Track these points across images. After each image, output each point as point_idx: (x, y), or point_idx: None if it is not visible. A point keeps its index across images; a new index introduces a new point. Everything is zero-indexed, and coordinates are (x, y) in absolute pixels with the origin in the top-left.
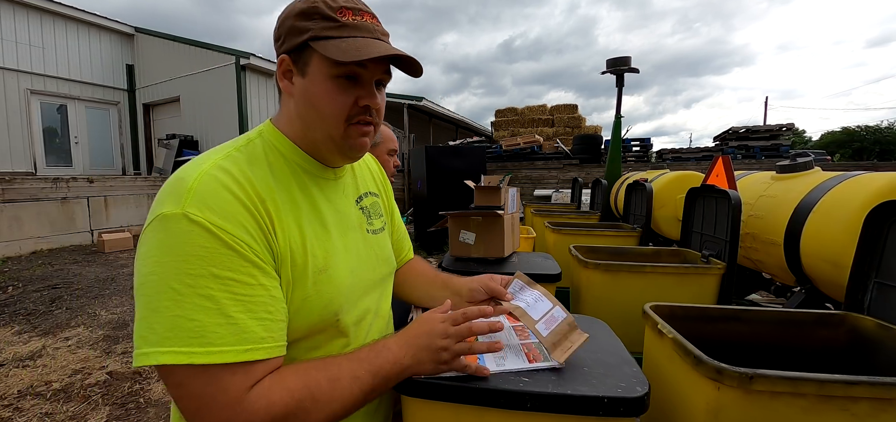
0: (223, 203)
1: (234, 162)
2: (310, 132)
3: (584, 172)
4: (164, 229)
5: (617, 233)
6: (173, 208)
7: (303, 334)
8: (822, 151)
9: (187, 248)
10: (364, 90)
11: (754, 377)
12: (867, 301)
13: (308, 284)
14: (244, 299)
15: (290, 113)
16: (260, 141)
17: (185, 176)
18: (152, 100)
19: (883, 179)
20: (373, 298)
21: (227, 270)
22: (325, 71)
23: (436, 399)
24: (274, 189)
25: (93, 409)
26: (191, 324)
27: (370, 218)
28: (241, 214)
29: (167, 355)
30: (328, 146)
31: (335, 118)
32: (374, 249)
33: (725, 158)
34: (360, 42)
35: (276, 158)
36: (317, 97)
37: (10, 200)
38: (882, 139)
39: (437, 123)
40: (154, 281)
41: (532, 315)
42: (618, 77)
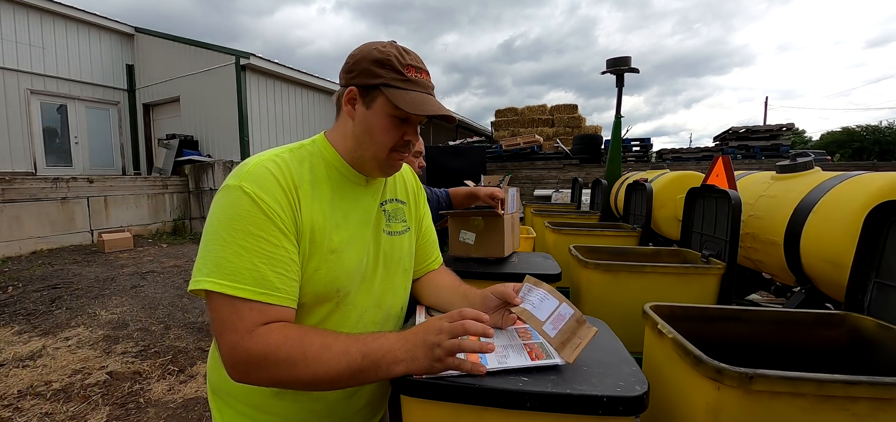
0: (267, 183)
1: (283, 159)
2: (360, 150)
3: (584, 172)
4: (226, 195)
5: (617, 233)
6: (235, 182)
7: (309, 300)
8: (822, 151)
9: (236, 209)
10: (411, 130)
11: (754, 377)
12: (867, 301)
13: (319, 258)
14: (268, 255)
15: (346, 131)
16: (311, 147)
17: (248, 162)
18: (152, 100)
19: (883, 179)
20: (375, 289)
21: (261, 231)
22: (388, 110)
23: (435, 399)
24: (308, 182)
25: (93, 409)
26: (229, 264)
27: (390, 220)
28: (278, 192)
29: (207, 282)
30: (372, 164)
31: (384, 146)
32: (385, 248)
33: (725, 158)
34: (420, 98)
35: (320, 161)
36: (375, 128)
37: (10, 200)
38: (882, 139)
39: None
40: (212, 229)
41: (538, 316)
42: (618, 77)
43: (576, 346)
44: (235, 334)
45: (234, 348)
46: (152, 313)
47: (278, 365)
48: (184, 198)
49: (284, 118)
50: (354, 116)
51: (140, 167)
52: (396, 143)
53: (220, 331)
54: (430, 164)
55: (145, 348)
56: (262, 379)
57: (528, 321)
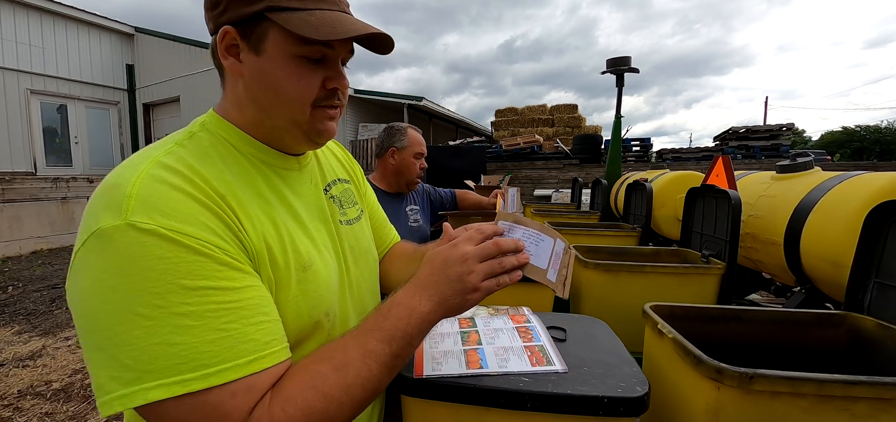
0: (176, 204)
1: (178, 158)
2: (269, 119)
3: (584, 172)
4: (105, 248)
5: (617, 233)
6: (113, 220)
7: (292, 343)
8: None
9: (143, 262)
10: (332, 71)
11: (754, 377)
12: (867, 301)
13: (292, 284)
14: (230, 307)
15: (239, 97)
16: (205, 134)
17: (120, 182)
18: (152, 100)
19: (883, 179)
20: (355, 295)
21: (201, 279)
22: (288, 49)
23: (436, 399)
24: (233, 184)
25: (93, 409)
26: (174, 349)
27: (343, 207)
28: (201, 213)
29: (156, 390)
30: (292, 133)
31: (299, 102)
32: (350, 242)
33: (725, 158)
34: (331, 16)
35: (228, 150)
36: (278, 79)
37: (10, 200)
38: (882, 139)
39: (437, 122)
40: (110, 313)
41: (539, 264)
42: (618, 77)
43: (564, 277)
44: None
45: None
46: None
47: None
48: None
49: None
50: (243, 71)
51: None
52: (316, 95)
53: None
54: (430, 164)
55: None
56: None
57: (531, 275)
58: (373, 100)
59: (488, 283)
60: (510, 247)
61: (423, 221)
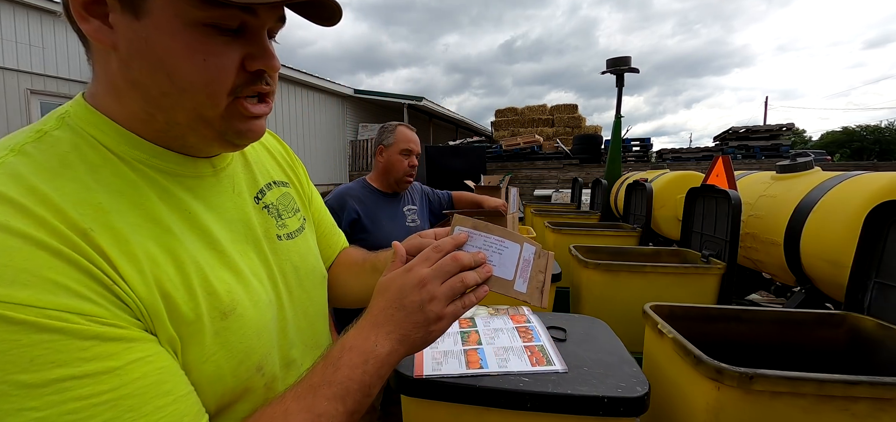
0: (10, 256)
1: (12, 176)
2: (161, 112)
3: (584, 172)
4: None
5: (617, 233)
6: None
7: (214, 410)
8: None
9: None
10: (255, 46)
11: (754, 377)
12: (867, 301)
13: (206, 339)
14: (106, 399)
15: (113, 79)
16: (64, 132)
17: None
18: None
19: (883, 179)
20: (302, 328)
21: (52, 367)
22: (185, 13)
23: (436, 399)
24: (105, 208)
25: None
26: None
27: (280, 218)
28: (47, 264)
29: None
30: (199, 133)
31: (210, 90)
32: (293, 260)
33: (725, 158)
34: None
35: (101, 156)
36: (172, 55)
37: None
38: (882, 139)
39: (438, 122)
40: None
41: (504, 275)
42: (618, 77)
43: (541, 284)
44: None
45: None
46: None
47: None
48: None
49: (284, 118)
50: (115, 40)
51: None
52: (234, 79)
53: None
54: (430, 164)
55: None
56: None
57: (496, 288)
58: (373, 100)
59: (453, 307)
60: (469, 261)
61: (422, 222)
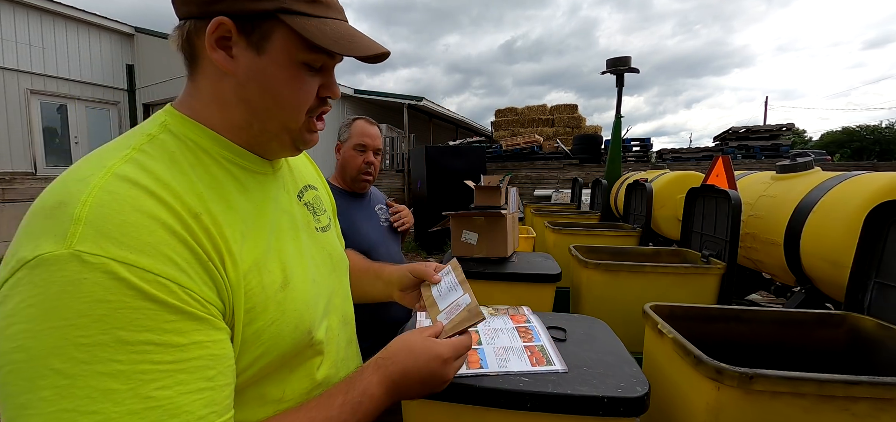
0: (136, 229)
1: (141, 167)
2: (258, 122)
3: (584, 172)
4: (37, 283)
5: (617, 233)
6: (54, 248)
7: (276, 367)
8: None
9: (77, 305)
10: (328, 80)
11: (754, 377)
12: (867, 301)
13: (271, 307)
14: (168, 369)
15: (223, 96)
16: (168, 136)
17: (67, 198)
18: (152, 100)
19: (883, 179)
20: (336, 305)
21: (143, 331)
22: (295, 54)
23: (436, 399)
24: (206, 198)
25: None
26: (87, 419)
27: (316, 214)
28: (166, 241)
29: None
30: (280, 139)
31: (296, 109)
32: (327, 250)
33: (725, 158)
34: (342, 28)
35: (196, 156)
36: (279, 83)
37: (11, 200)
38: (882, 139)
39: (438, 122)
40: (22, 364)
41: (439, 304)
42: (618, 77)
43: (455, 326)
44: None
45: None
46: None
47: None
48: None
49: None
50: (236, 68)
51: None
52: (312, 103)
53: None
54: (430, 164)
55: None
56: None
57: (428, 306)
58: (373, 100)
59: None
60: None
61: (387, 223)
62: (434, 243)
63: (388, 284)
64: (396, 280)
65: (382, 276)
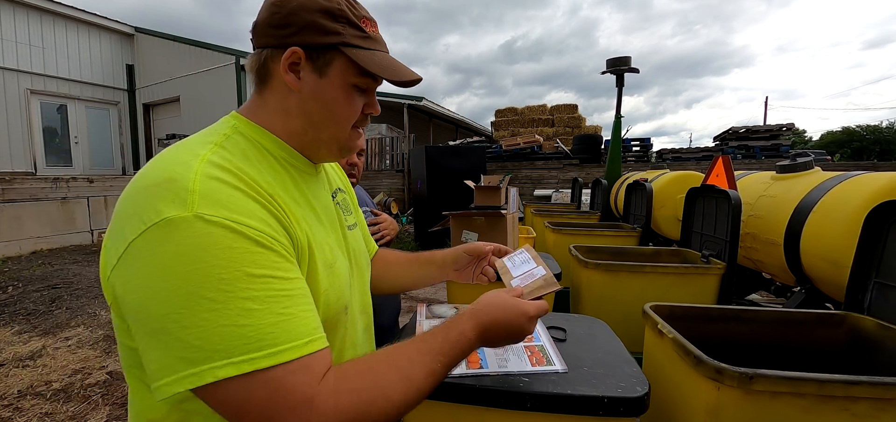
0: (236, 200)
1: (225, 158)
2: (313, 130)
3: (584, 172)
4: (172, 237)
5: (617, 233)
6: (179, 212)
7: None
8: (822, 151)
9: (213, 251)
10: (371, 100)
11: (754, 377)
12: (867, 301)
13: (321, 279)
14: (287, 294)
15: (287, 109)
16: (239, 138)
17: (176, 176)
18: (152, 100)
19: (883, 179)
20: (358, 294)
21: (261, 268)
22: (348, 78)
23: (436, 399)
24: (273, 186)
25: (93, 409)
26: (242, 330)
27: (346, 213)
28: (257, 209)
29: (226, 368)
30: (329, 146)
31: (346, 122)
32: (353, 245)
33: (725, 158)
34: (388, 60)
35: (261, 154)
36: (333, 100)
37: (10, 200)
38: (882, 139)
39: (438, 122)
40: (177, 296)
41: (512, 272)
42: (618, 77)
43: (533, 291)
44: (291, 413)
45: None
46: None
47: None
48: None
49: None
50: (301, 88)
51: (140, 167)
52: (358, 117)
53: (266, 420)
54: (430, 164)
55: None
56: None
57: (501, 273)
58: None
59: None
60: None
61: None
62: (434, 244)
63: (443, 266)
64: (451, 261)
65: (435, 261)
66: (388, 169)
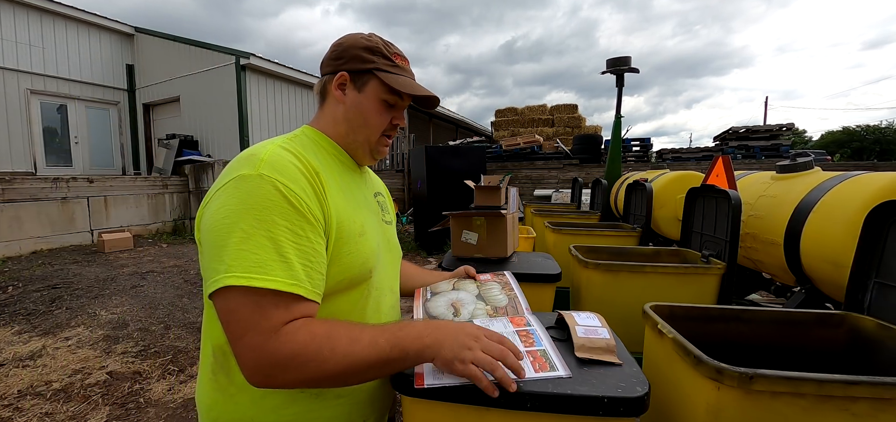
0: (289, 169)
1: (292, 145)
2: (353, 134)
3: (584, 172)
4: (240, 186)
5: (617, 233)
6: (251, 170)
7: (345, 286)
8: (822, 151)
9: (258, 198)
10: (399, 114)
11: (754, 377)
12: (867, 301)
13: (352, 242)
14: (296, 246)
15: (336, 117)
16: (304, 138)
17: (257, 152)
18: (152, 100)
19: (883, 179)
20: (389, 275)
21: (285, 220)
22: (380, 94)
23: (436, 399)
24: (320, 168)
25: (93, 409)
26: (254, 256)
27: (383, 211)
28: (302, 180)
29: (231, 278)
30: (364, 148)
31: (376, 129)
32: (388, 235)
33: (725, 158)
34: (409, 82)
35: (319, 149)
36: (368, 111)
37: (10, 200)
38: (882, 139)
39: (438, 123)
40: (228, 224)
41: (578, 320)
42: (618, 77)
43: (593, 350)
44: (260, 334)
45: (259, 350)
46: (152, 313)
47: (308, 364)
48: (184, 198)
49: (285, 118)
50: (346, 101)
51: (140, 167)
52: (385, 127)
53: (239, 333)
54: (430, 164)
55: (145, 347)
56: (289, 380)
57: (566, 318)
58: None
59: (473, 369)
60: (513, 361)
61: None
62: (434, 243)
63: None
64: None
65: (436, 273)
66: (388, 169)
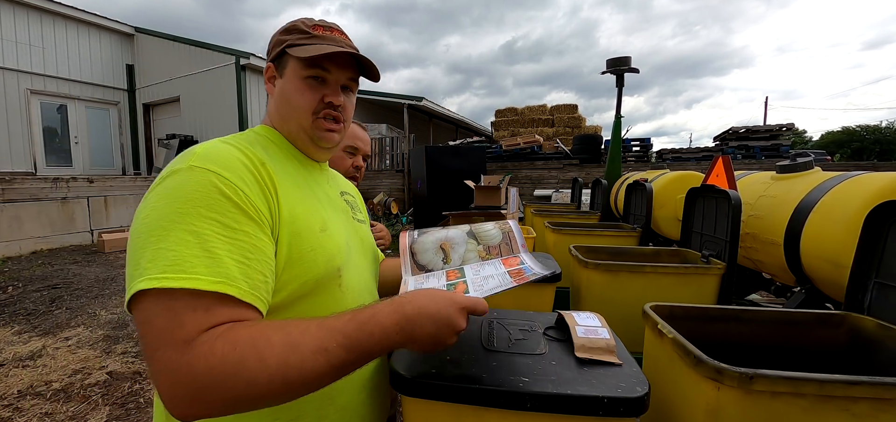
0: (227, 159)
1: (237, 140)
2: (286, 123)
3: (584, 172)
4: (168, 183)
5: (617, 233)
6: (181, 165)
7: (310, 288)
8: (822, 151)
9: (185, 191)
10: (329, 89)
11: (754, 377)
12: (867, 301)
13: (313, 238)
14: (228, 239)
15: (271, 109)
16: (255, 135)
17: (194, 148)
18: (152, 100)
19: (883, 180)
20: (364, 276)
21: (215, 211)
22: (298, 72)
23: (435, 399)
24: (267, 160)
25: (93, 409)
26: (170, 254)
27: (353, 210)
28: (241, 169)
29: (143, 282)
30: (302, 137)
31: (304, 110)
32: (361, 234)
33: (725, 158)
34: (318, 46)
35: (270, 145)
36: (290, 93)
37: (10, 200)
38: (882, 139)
39: (438, 123)
40: (148, 224)
41: (578, 320)
42: (618, 77)
43: (593, 349)
44: (172, 348)
45: (173, 369)
46: None
47: (228, 382)
48: None
49: None
50: (274, 90)
51: (140, 167)
52: (316, 106)
53: (151, 351)
54: (430, 164)
55: None
56: (215, 407)
57: (567, 318)
58: (373, 100)
59: (454, 339)
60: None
61: None
62: None
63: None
64: None
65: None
66: (388, 169)
